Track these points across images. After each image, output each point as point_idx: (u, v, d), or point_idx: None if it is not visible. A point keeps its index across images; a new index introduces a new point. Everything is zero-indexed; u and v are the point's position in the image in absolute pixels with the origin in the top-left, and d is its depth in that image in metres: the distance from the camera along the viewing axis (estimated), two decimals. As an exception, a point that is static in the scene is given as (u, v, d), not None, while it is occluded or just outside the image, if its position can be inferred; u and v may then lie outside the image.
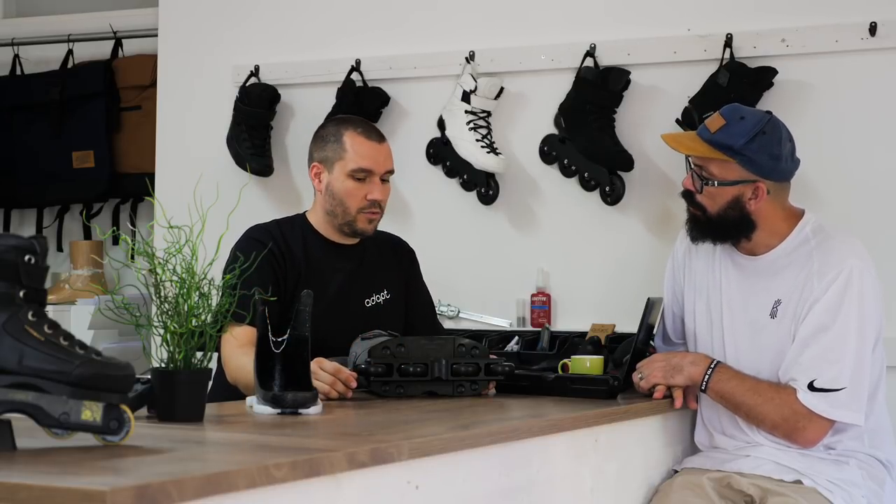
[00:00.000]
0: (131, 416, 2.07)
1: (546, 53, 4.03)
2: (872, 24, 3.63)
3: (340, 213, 3.28)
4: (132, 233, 4.81)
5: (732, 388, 3.02)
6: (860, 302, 2.98)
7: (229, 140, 4.35)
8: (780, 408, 2.98)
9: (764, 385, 3.02)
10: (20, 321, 2.02)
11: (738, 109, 3.08)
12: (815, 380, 2.95)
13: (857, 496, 2.95)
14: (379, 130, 3.36)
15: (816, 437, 3.00)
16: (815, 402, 2.95)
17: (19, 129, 5.16)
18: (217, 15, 4.51)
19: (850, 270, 2.98)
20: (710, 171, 3.05)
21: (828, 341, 2.97)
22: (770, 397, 3.00)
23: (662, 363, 3.07)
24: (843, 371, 2.95)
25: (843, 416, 2.96)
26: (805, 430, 2.97)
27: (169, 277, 2.42)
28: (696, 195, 3.08)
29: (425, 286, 3.53)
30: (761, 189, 3.03)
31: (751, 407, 3.01)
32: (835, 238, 3.06)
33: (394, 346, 2.97)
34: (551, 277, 4.03)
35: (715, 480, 3.00)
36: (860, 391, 2.97)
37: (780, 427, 2.99)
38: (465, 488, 2.38)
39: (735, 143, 3.00)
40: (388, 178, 3.32)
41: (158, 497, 1.68)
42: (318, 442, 2.29)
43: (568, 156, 3.98)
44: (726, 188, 3.03)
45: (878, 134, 3.67)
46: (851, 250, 3.04)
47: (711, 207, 3.06)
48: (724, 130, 3.02)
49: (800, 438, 2.99)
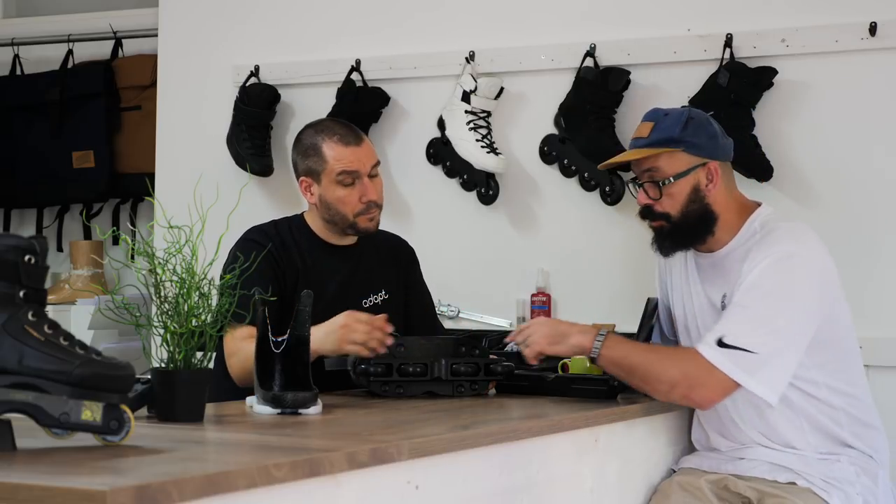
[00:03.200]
0: (131, 416, 2.07)
1: (546, 53, 4.03)
2: (872, 24, 3.63)
3: (340, 221, 3.29)
4: (132, 233, 4.81)
5: (626, 351, 2.91)
6: (790, 282, 2.90)
7: (229, 140, 4.35)
8: (679, 363, 2.87)
9: (662, 347, 2.97)
10: (20, 321, 2.02)
11: (658, 110, 3.12)
12: (724, 336, 2.85)
13: (852, 494, 2.94)
14: (355, 130, 3.33)
15: (713, 397, 2.86)
16: (720, 357, 2.82)
17: (19, 129, 5.16)
18: (217, 15, 4.52)
19: (779, 254, 2.92)
20: (661, 169, 3.04)
21: (746, 310, 2.89)
22: (668, 355, 2.92)
23: (547, 329, 2.98)
24: (758, 337, 2.84)
25: (748, 382, 2.82)
26: (703, 386, 2.83)
27: (169, 277, 2.42)
28: (654, 206, 3.05)
29: (425, 286, 3.53)
30: (713, 169, 3.04)
31: (647, 366, 2.87)
32: (778, 229, 3.01)
33: (394, 346, 2.98)
34: (551, 277, 4.03)
35: (713, 483, 3.00)
36: (777, 371, 2.86)
37: (679, 385, 2.85)
38: (465, 488, 2.38)
39: (672, 133, 3.02)
40: (376, 173, 3.31)
41: (158, 497, 1.68)
42: (318, 442, 2.29)
43: (568, 156, 3.98)
44: (682, 180, 3.03)
45: (878, 134, 3.67)
46: (790, 238, 2.98)
47: (674, 209, 3.04)
48: (656, 130, 3.04)
49: (696, 396, 2.86)
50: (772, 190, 3.70)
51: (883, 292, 3.63)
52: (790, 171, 3.73)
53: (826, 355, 2.99)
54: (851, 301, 3.13)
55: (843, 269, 3.09)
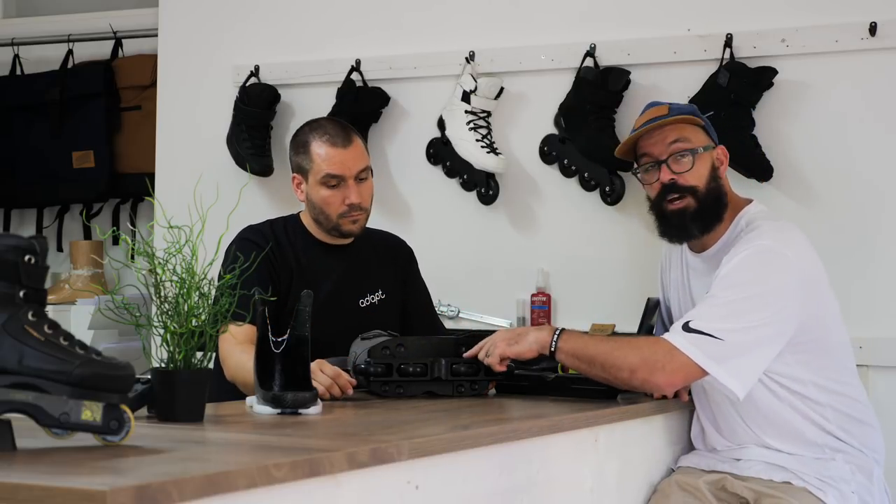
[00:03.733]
0: (131, 416, 2.07)
1: (546, 53, 4.03)
2: (872, 24, 3.63)
3: (324, 221, 3.30)
4: (132, 233, 4.81)
5: (584, 343, 2.88)
6: (765, 276, 2.88)
7: (229, 140, 4.35)
8: (638, 349, 2.83)
9: (621, 337, 2.95)
10: (20, 321, 2.01)
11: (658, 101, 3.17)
12: (691, 321, 2.82)
13: (848, 492, 2.94)
14: (346, 131, 3.32)
15: (673, 380, 2.82)
16: (682, 341, 2.79)
17: (19, 129, 5.16)
18: (217, 15, 4.52)
19: (755, 248, 2.90)
20: (690, 139, 3.06)
21: (716, 299, 2.87)
22: (627, 342, 2.88)
23: (505, 334, 2.99)
24: (726, 325, 2.80)
25: (713, 369, 2.78)
26: (663, 370, 2.78)
27: (169, 277, 2.42)
28: (679, 180, 3.04)
29: (424, 286, 3.53)
30: (723, 153, 3.10)
31: (605, 355, 2.84)
32: (762, 226, 3.00)
33: (393, 346, 2.98)
34: (551, 277, 4.03)
35: (711, 483, 3.00)
36: (746, 364, 2.82)
37: (639, 370, 2.80)
38: (465, 488, 2.38)
39: (692, 110, 3.09)
40: (365, 177, 3.31)
41: (158, 497, 1.68)
42: (318, 442, 2.29)
43: (568, 156, 3.98)
44: (706, 154, 3.06)
45: (878, 134, 3.67)
46: (770, 234, 2.96)
47: (700, 183, 3.04)
48: (673, 109, 3.09)
49: (657, 380, 2.81)
50: (772, 190, 3.70)
51: (883, 292, 3.63)
52: (790, 171, 3.73)
53: (810, 353, 2.97)
54: (851, 301, 3.14)
55: (842, 268, 3.10)
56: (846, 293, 3.15)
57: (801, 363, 2.97)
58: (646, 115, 3.12)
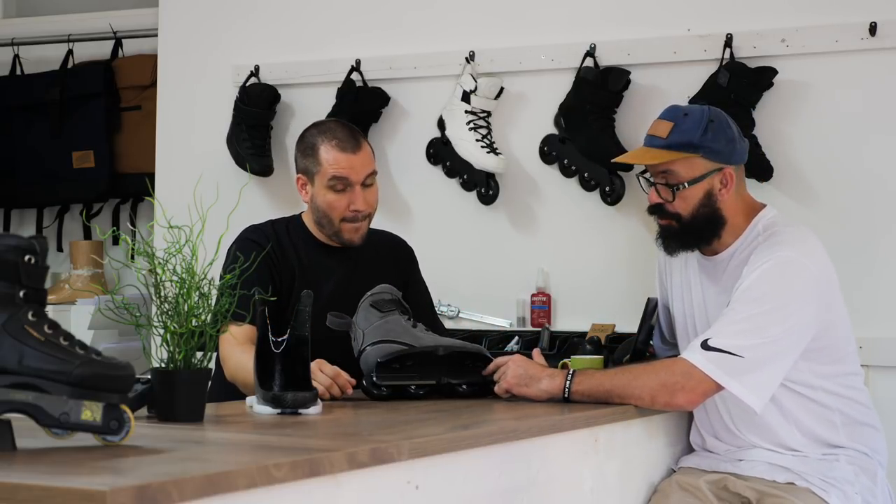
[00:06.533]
0: (131, 416, 2.07)
1: (546, 53, 4.03)
2: (872, 24, 3.63)
3: (326, 224, 3.30)
4: (132, 233, 4.81)
5: (597, 381, 2.88)
6: (787, 289, 2.89)
7: (229, 140, 4.35)
8: (654, 375, 2.85)
9: (633, 366, 2.95)
10: (20, 321, 2.02)
11: (678, 108, 3.09)
12: (710, 339, 2.83)
13: (851, 493, 2.94)
14: (355, 136, 3.30)
15: (693, 399, 2.84)
16: (701, 360, 2.81)
17: (19, 129, 5.16)
18: (217, 15, 4.52)
19: (777, 259, 2.90)
20: (677, 173, 3.02)
21: (737, 314, 2.87)
22: (641, 371, 2.88)
23: (520, 371, 2.94)
24: (746, 341, 2.82)
25: (732, 385, 2.81)
26: (682, 390, 2.81)
27: (169, 277, 2.42)
28: (666, 206, 3.04)
29: (425, 285, 3.53)
30: (729, 175, 3.04)
31: (622, 388, 2.85)
32: (781, 233, 2.99)
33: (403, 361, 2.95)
34: (551, 277, 4.03)
35: (712, 483, 3.00)
36: (765, 379, 2.84)
37: (660, 394, 2.83)
38: (465, 488, 2.38)
39: (693, 137, 2.99)
40: (371, 182, 3.30)
41: (158, 497, 1.68)
42: (318, 442, 2.29)
43: (568, 156, 3.98)
44: (698, 185, 3.02)
45: (877, 134, 3.67)
46: (791, 243, 2.96)
47: (685, 211, 3.03)
48: (675, 131, 3.01)
49: (678, 401, 2.84)
50: (772, 190, 3.70)
51: (882, 292, 3.63)
52: (790, 171, 3.73)
53: (822, 359, 2.98)
54: (850, 301, 3.13)
55: (842, 268, 3.09)
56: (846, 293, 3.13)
57: (812, 369, 2.97)
58: (652, 126, 3.08)
